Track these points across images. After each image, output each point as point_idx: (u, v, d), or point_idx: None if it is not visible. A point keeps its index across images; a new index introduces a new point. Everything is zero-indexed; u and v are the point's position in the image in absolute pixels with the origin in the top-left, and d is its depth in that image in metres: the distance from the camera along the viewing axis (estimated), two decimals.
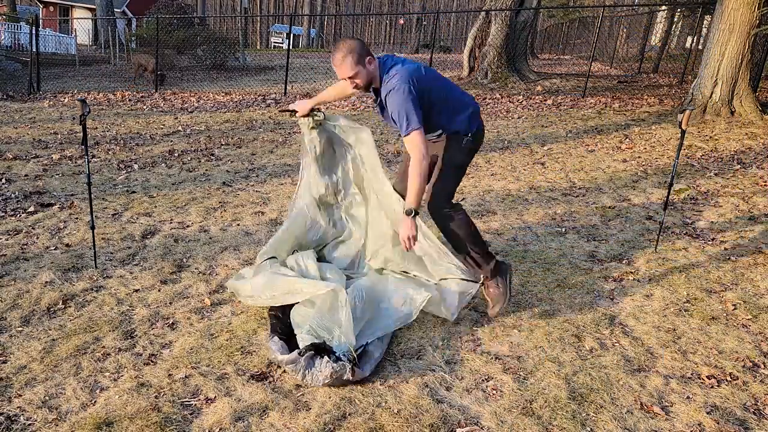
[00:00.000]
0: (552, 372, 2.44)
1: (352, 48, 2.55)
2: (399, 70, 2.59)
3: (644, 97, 10.34)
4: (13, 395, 2.24)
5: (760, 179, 5.39)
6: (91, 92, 11.73)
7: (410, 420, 2.12)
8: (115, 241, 3.88)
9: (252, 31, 47.90)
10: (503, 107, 9.65)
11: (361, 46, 2.58)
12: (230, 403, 2.20)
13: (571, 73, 13.84)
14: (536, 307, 3.02)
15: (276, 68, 16.83)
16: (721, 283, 3.33)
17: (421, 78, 2.60)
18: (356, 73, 2.58)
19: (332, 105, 10.14)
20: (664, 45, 16.59)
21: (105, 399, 2.23)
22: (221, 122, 8.54)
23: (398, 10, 58.82)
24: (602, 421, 2.14)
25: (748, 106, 7.74)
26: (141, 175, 5.63)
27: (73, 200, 4.75)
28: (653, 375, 2.44)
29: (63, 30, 26.67)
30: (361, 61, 2.57)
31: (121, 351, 2.56)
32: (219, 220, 4.38)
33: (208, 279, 3.33)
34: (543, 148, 6.85)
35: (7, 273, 3.32)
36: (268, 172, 5.85)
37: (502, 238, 4.08)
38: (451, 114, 2.73)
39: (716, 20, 7.80)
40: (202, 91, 12.04)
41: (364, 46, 2.61)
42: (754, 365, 2.52)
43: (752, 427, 2.12)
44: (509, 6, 11.97)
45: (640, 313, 2.97)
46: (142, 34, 19.48)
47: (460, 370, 2.46)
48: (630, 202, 4.90)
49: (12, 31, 19.91)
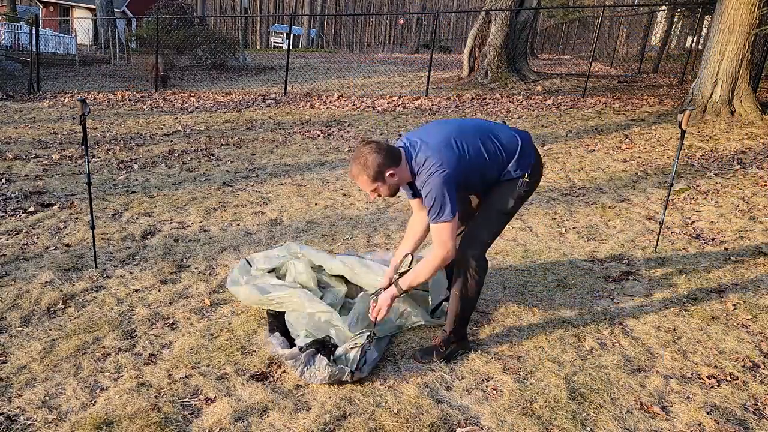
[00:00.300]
0: (552, 372, 2.44)
1: (366, 164, 2.24)
2: (431, 157, 2.25)
3: (644, 97, 10.34)
4: (13, 395, 2.24)
5: (760, 179, 5.39)
6: (91, 92, 11.74)
7: (410, 420, 2.12)
8: (115, 241, 3.88)
9: (252, 31, 47.89)
10: (503, 107, 9.65)
11: (378, 160, 2.23)
12: (230, 403, 2.20)
13: (571, 73, 13.84)
14: (536, 307, 3.02)
15: (276, 68, 16.83)
16: (721, 283, 3.33)
17: (458, 164, 2.27)
18: (375, 188, 2.31)
19: (332, 105, 10.14)
20: (664, 45, 16.59)
21: (105, 399, 2.23)
22: (221, 122, 8.54)
23: (398, 10, 58.83)
24: (602, 421, 2.14)
25: (748, 106, 7.73)
26: (141, 175, 5.63)
27: (73, 200, 4.75)
28: (653, 375, 2.44)
29: (63, 30, 26.66)
30: (380, 177, 2.26)
31: (121, 351, 2.56)
32: (219, 220, 4.38)
33: (208, 279, 3.33)
34: (543, 148, 6.85)
35: (7, 273, 3.32)
36: (268, 172, 5.85)
37: (502, 238, 4.08)
38: (500, 167, 2.41)
39: (716, 20, 7.79)
40: (202, 91, 12.04)
41: (384, 158, 2.25)
42: (754, 365, 2.51)
43: (752, 427, 2.12)
44: (509, 6, 11.97)
45: (640, 313, 2.97)
46: (142, 34, 19.47)
47: (460, 370, 2.46)
48: (630, 202, 4.90)
49: (12, 31, 19.91)
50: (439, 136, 2.33)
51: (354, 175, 2.31)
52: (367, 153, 2.25)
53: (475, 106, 9.88)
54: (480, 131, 2.41)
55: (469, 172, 2.32)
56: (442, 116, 8.95)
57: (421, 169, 2.28)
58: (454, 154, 2.27)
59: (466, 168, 2.30)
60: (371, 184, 2.29)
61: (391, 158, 2.27)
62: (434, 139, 2.32)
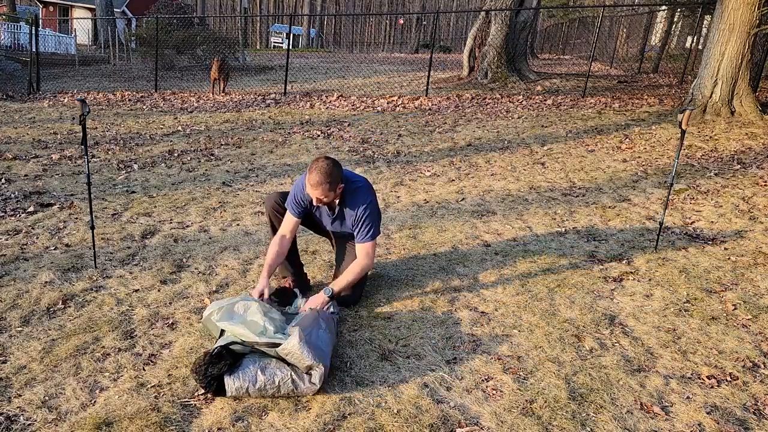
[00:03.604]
0: (552, 372, 2.44)
1: (329, 175, 2.68)
2: (361, 183, 2.90)
3: (644, 97, 10.34)
4: (13, 395, 2.24)
5: (760, 179, 5.39)
6: (91, 92, 11.73)
7: (410, 420, 2.12)
8: (114, 241, 3.87)
9: (252, 31, 47.89)
10: (503, 107, 9.65)
11: (337, 171, 2.72)
12: (230, 403, 2.20)
13: (571, 73, 13.84)
14: (536, 307, 3.02)
15: (276, 68, 16.83)
16: (721, 283, 3.33)
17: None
18: (329, 198, 2.76)
19: (332, 105, 10.14)
20: (664, 45, 16.59)
21: (105, 399, 2.22)
22: (221, 122, 8.53)
23: (398, 10, 58.83)
24: (602, 421, 2.14)
25: (748, 106, 7.73)
26: (141, 175, 5.63)
27: (73, 200, 4.75)
28: (653, 375, 2.43)
29: (63, 30, 26.64)
30: (333, 188, 2.73)
31: (120, 351, 2.56)
32: (219, 220, 4.38)
33: (208, 279, 3.33)
34: (543, 148, 6.85)
35: (7, 273, 3.32)
36: (268, 172, 5.84)
37: (502, 238, 4.08)
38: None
39: (716, 20, 7.79)
40: (202, 91, 12.04)
41: (340, 170, 2.76)
42: (754, 365, 2.51)
43: (752, 427, 2.12)
44: (509, 6, 11.97)
45: (640, 313, 2.97)
46: (141, 34, 19.46)
47: (460, 370, 2.46)
48: (630, 202, 4.90)
49: (12, 31, 19.89)
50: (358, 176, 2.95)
51: (314, 182, 2.70)
52: (328, 166, 2.69)
53: (475, 106, 9.88)
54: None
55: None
56: (441, 116, 8.96)
57: (356, 193, 2.84)
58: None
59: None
60: (327, 194, 2.72)
61: (341, 176, 2.79)
62: (354, 175, 2.93)
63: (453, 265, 3.56)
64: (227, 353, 2.24)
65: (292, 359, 2.22)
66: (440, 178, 5.63)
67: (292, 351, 2.20)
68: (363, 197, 2.86)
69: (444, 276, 3.40)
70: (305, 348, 2.20)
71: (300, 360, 2.20)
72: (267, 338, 2.29)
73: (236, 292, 3.15)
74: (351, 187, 2.86)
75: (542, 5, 16.86)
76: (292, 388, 2.21)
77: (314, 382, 2.22)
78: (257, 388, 2.19)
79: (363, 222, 2.84)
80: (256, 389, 2.20)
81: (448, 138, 7.44)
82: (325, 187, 2.68)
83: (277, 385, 2.20)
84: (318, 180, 2.67)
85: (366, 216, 2.83)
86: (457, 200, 4.95)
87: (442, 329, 2.78)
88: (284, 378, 2.21)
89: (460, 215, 4.57)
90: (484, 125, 8.25)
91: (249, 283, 3.28)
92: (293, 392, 2.22)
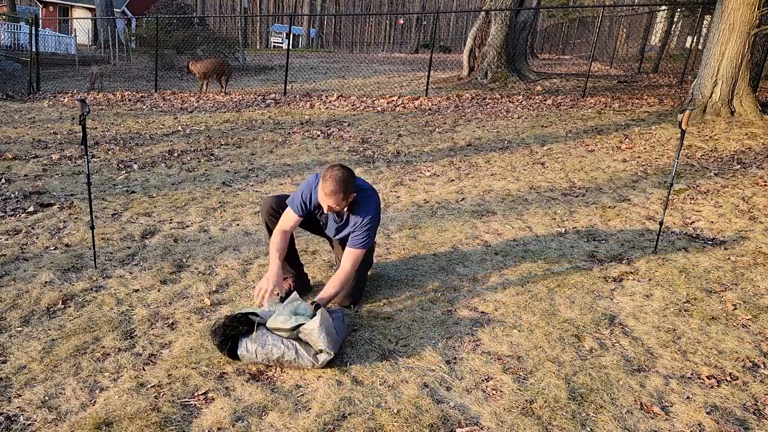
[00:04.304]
0: (552, 372, 2.44)
1: (345, 184, 2.66)
2: (369, 192, 2.89)
3: (644, 97, 10.34)
4: (13, 395, 2.24)
5: (760, 179, 5.39)
6: (91, 92, 11.73)
7: (410, 420, 2.12)
8: (114, 241, 3.87)
9: (252, 31, 47.89)
10: (503, 107, 9.65)
11: (351, 181, 2.71)
12: (230, 403, 2.20)
13: (571, 73, 13.84)
14: (536, 307, 3.02)
15: (276, 68, 16.83)
16: (721, 283, 3.33)
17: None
18: (341, 207, 2.75)
19: (332, 105, 10.13)
20: (664, 45, 16.59)
21: (105, 399, 2.22)
22: (221, 122, 8.53)
23: (398, 10, 58.81)
24: (602, 421, 2.14)
25: (748, 106, 7.74)
26: (141, 175, 5.63)
27: (73, 200, 4.75)
28: (653, 375, 2.43)
29: (63, 30, 26.65)
30: (347, 197, 2.73)
31: (120, 351, 2.56)
32: (219, 220, 4.38)
33: (208, 279, 3.33)
34: (543, 148, 6.85)
35: (7, 273, 3.32)
36: (268, 172, 5.85)
37: (502, 238, 4.08)
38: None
39: (716, 20, 7.79)
40: (202, 91, 12.03)
41: (354, 179, 2.75)
42: (754, 365, 2.51)
43: (752, 427, 2.12)
44: (509, 6, 11.97)
45: (640, 313, 2.97)
46: (141, 34, 19.47)
47: (460, 370, 2.46)
48: (630, 202, 4.90)
49: (12, 31, 19.90)
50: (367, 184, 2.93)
51: (329, 191, 2.67)
52: (347, 176, 2.68)
53: (475, 106, 9.88)
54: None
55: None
56: (441, 116, 8.96)
57: (365, 203, 2.84)
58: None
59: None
60: (340, 203, 2.72)
61: (354, 185, 2.78)
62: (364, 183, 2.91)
63: (453, 265, 3.56)
64: (245, 320, 2.48)
65: (308, 338, 2.41)
66: (440, 178, 5.63)
67: (311, 332, 2.39)
68: (371, 208, 2.86)
69: (444, 276, 3.40)
70: (323, 333, 2.38)
71: (315, 342, 2.39)
72: (292, 323, 2.46)
73: (236, 292, 3.16)
74: (362, 196, 2.85)
75: (542, 5, 16.87)
76: (295, 357, 2.40)
77: (318, 360, 2.41)
78: (265, 352, 2.40)
79: (363, 229, 2.83)
80: (264, 353, 2.40)
81: (448, 138, 7.45)
82: (339, 196, 2.66)
83: (282, 351, 2.40)
84: (333, 189, 2.64)
85: (368, 225, 2.84)
86: (457, 200, 4.95)
87: (442, 329, 2.78)
88: (289, 346, 2.41)
89: (460, 215, 4.57)
90: (484, 125, 8.25)
91: (249, 283, 3.28)
92: (294, 362, 2.40)
